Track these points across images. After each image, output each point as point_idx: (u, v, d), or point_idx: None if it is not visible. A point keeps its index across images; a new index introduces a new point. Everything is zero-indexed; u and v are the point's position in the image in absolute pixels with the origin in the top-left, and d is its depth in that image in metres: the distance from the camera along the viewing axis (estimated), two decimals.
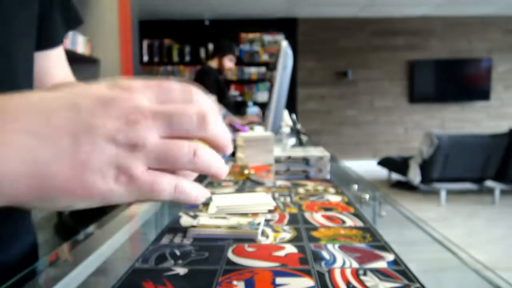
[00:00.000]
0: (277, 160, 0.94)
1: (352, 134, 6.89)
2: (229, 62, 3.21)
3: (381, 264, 0.43)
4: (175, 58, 6.35)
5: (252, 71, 6.33)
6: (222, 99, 3.14)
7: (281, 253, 0.47)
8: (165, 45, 6.34)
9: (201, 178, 1.04)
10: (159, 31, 6.47)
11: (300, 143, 1.85)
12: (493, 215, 3.99)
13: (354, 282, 0.39)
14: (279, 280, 0.40)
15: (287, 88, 1.54)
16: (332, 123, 6.86)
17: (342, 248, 0.48)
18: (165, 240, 0.52)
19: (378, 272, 0.41)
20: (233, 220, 0.56)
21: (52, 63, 0.58)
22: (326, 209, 0.66)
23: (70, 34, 2.65)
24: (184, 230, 0.55)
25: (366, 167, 6.55)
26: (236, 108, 3.46)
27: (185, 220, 0.61)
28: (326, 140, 6.77)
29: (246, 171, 0.98)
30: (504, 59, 6.69)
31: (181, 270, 0.42)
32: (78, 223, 2.05)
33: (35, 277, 0.44)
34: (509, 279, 0.40)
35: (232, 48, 3.21)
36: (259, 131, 1.92)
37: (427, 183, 4.72)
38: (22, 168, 0.25)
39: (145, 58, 6.29)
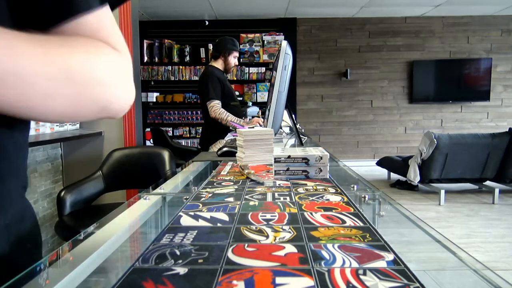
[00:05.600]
0: (277, 160, 0.94)
1: (352, 134, 6.89)
2: (234, 59, 3.17)
3: (380, 264, 0.43)
4: (175, 58, 6.35)
5: (252, 71, 6.33)
6: (230, 101, 3.10)
7: (281, 253, 0.47)
8: (165, 45, 6.34)
9: (200, 179, 1.04)
10: (159, 31, 6.48)
11: (300, 143, 1.85)
12: (492, 215, 3.99)
13: (353, 281, 0.39)
14: (279, 280, 0.40)
15: (287, 88, 1.54)
16: (332, 123, 6.86)
17: (342, 247, 0.48)
18: (165, 240, 0.52)
19: (377, 272, 0.41)
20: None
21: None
22: (326, 209, 0.66)
23: None
24: (184, 230, 0.55)
25: (366, 167, 6.55)
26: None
27: (185, 219, 0.61)
28: (326, 140, 6.77)
29: (246, 171, 0.98)
30: (504, 59, 6.70)
31: (181, 270, 0.42)
32: (78, 223, 2.05)
33: (36, 276, 0.44)
34: (508, 279, 0.40)
35: (235, 44, 3.17)
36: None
37: (426, 183, 4.72)
38: None
39: (145, 58, 6.29)
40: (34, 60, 0.39)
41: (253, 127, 1.30)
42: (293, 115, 2.11)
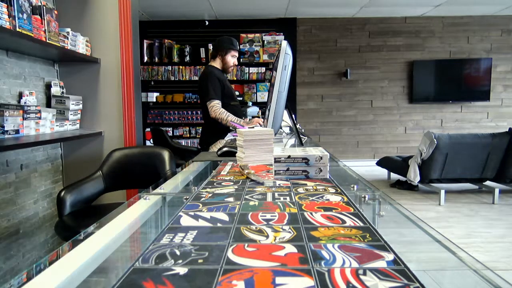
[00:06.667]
0: (277, 160, 0.94)
1: (352, 134, 6.89)
2: (232, 59, 3.16)
3: (380, 264, 0.43)
4: (175, 58, 6.35)
5: (252, 71, 6.34)
6: (230, 101, 3.09)
7: (281, 253, 0.47)
8: (165, 45, 6.35)
9: (200, 179, 1.04)
10: (159, 31, 6.48)
11: (300, 143, 1.86)
12: (492, 215, 3.99)
13: (353, 281, 0.39)
14: (279, 280, 0.40)
15: (287, 88, 1.54)
16: (332, 123, 6.86)
17: (342, 247, 0.48)
18: (165, 240, 0.52)
19: (377, 272, 0.41)
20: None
21: None
22: (326, 209, 0.66)
23: (70, 34, 2.65)
24: (184, 230, 0.55)
25: (366, 167, 6.56)
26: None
27: (185, 219, 0.61)
28: (326, 140, 6.77)
29: (246, 171, 0.98)
30: (504, 59, 6.70)
31: (181, 270, 0.42)
32: (78, 223, 2.05)
33: (35, 276, 0.44)
34: (508, 279, 0.40)
35: (233, 44, 3.16)
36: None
37: (426, 183, 4.72)
38: None
39: (145, 58, 6.29)
40: None
41: (253, 127, 1.30)
42: (293, 115, 2.11)
